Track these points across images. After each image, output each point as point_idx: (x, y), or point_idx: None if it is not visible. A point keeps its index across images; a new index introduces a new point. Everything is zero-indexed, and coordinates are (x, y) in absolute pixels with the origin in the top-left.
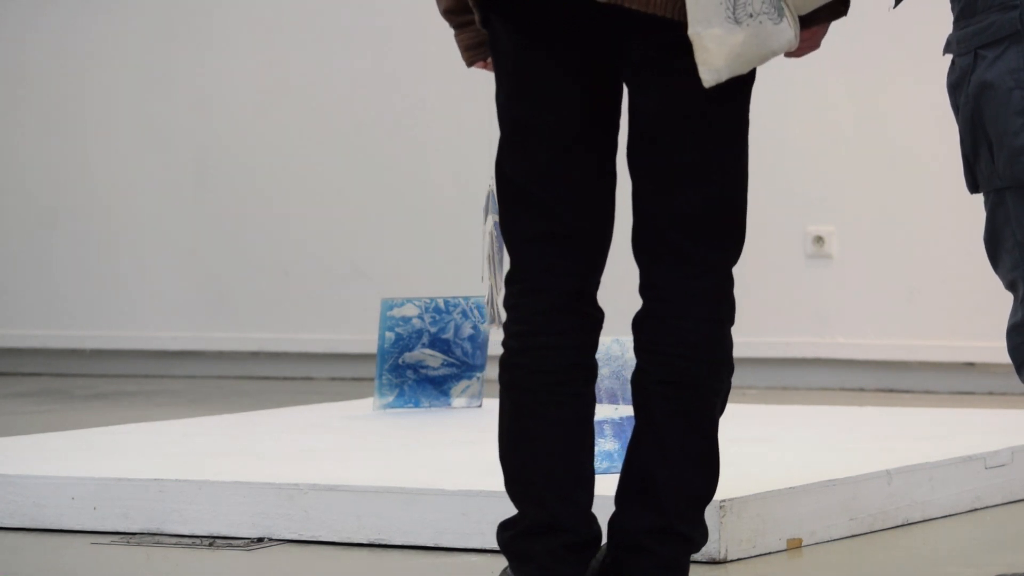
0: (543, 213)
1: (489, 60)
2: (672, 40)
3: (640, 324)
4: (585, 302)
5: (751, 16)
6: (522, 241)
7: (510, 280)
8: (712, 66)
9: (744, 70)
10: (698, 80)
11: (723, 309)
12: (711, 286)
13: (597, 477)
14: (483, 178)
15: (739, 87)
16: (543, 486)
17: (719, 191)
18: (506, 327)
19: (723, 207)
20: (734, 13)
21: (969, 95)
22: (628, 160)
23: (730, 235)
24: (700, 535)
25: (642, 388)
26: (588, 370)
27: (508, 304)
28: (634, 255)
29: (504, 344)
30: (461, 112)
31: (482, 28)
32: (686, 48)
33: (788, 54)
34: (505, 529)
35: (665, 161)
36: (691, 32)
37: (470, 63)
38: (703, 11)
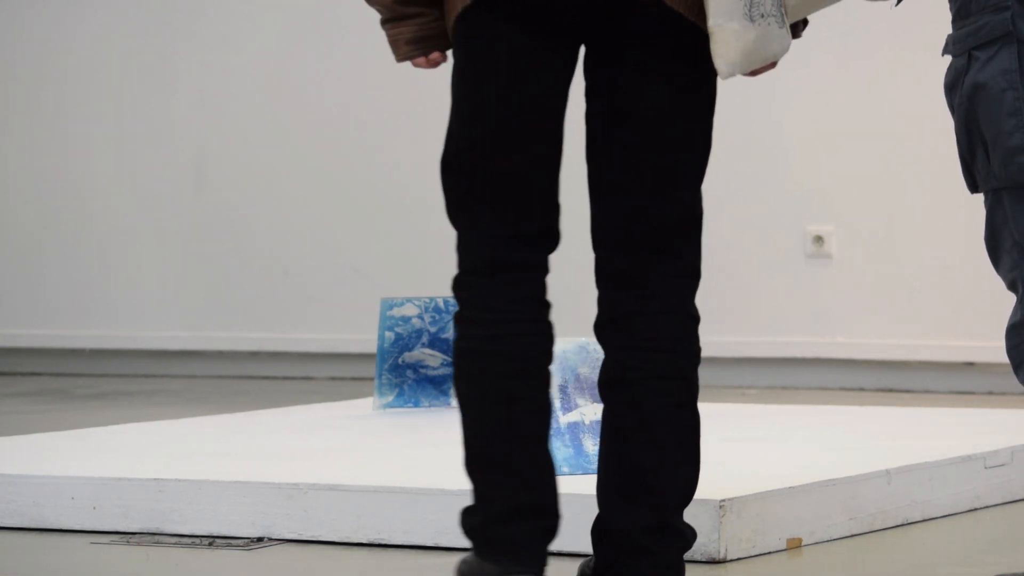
0: (526, 209)
1: (431, 56)
2: (675, 43)
3: (623, 322)
4: (545, 292)
5: (763, 16)
6: (499, 236)
7: (478, 272)
8: (729, 59)
9: (749, 69)
10: (698, 83)
11: (694, 304)
12: (691, 282)
13: (591, 477)
14: None
15: (715, 90)
16: (527, 470)
17: (697, 191)
18: (472, 318)
19: (699, 206)
20: (750, 11)
21: (963, 96)
22: (618, 160)
23: (700, 232)
24: (690, 532)
25: (630, 385)
26: (553, 357)
27: (476, 294)
28: (611, 253)
29: (469, 334)
30: None
31: (456, 23)
32: (687, 51)
33: (749, 72)
34: (474, 514)
35: (663, 161)
36: (711, 24)
37: (406, 58)
38: (724, 5)
